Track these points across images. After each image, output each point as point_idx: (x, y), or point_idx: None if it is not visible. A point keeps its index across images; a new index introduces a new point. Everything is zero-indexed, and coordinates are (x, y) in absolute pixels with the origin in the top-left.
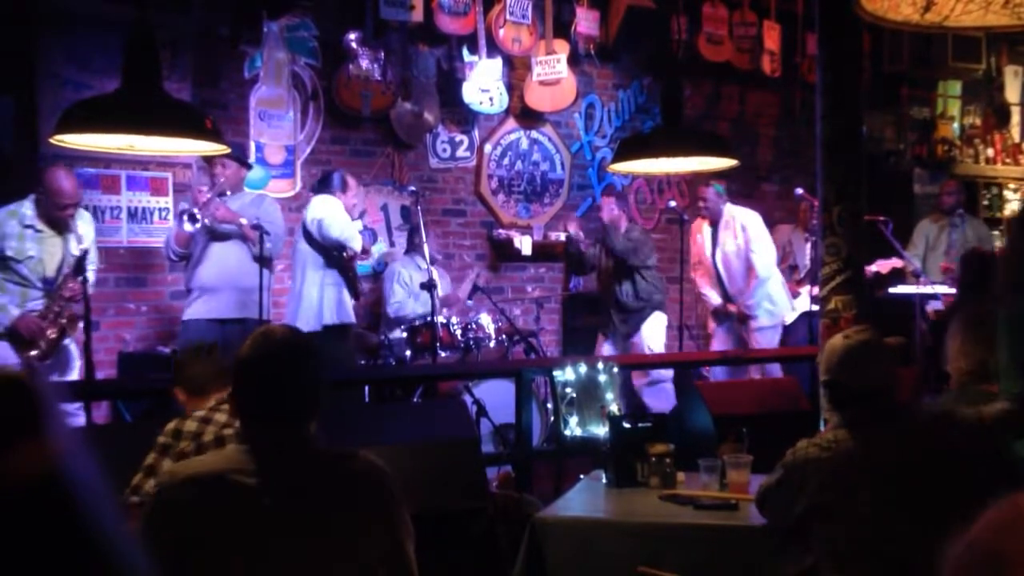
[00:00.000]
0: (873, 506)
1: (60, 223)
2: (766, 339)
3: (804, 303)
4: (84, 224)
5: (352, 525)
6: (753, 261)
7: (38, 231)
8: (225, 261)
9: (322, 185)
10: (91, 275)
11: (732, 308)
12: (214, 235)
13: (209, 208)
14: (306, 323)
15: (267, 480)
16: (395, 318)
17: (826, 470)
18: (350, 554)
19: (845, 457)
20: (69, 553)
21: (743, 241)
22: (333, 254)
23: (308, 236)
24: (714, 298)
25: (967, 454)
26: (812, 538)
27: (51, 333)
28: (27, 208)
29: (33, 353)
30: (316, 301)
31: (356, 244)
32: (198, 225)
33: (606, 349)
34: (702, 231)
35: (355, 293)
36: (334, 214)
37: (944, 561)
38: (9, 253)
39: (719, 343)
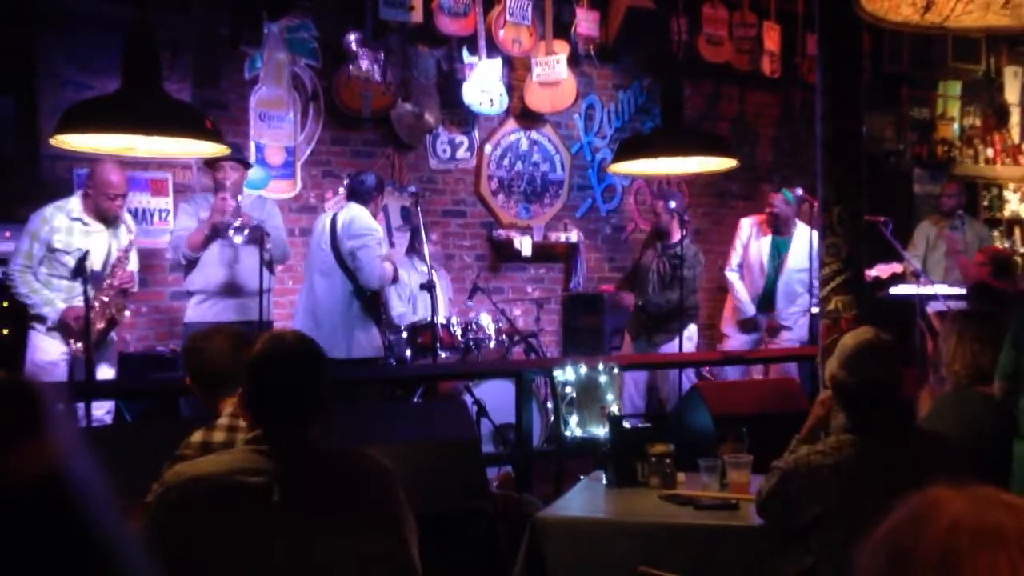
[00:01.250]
0: (875, 512)
1: (108, 217)
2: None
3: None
4: (128, 219)
5: (357, 523)
6: (816, 286)
7: (86, 224)
8: (230, 265)
9: (359, 187)
10: (134, 266)
11: (763, 321)
12: (221, 239)
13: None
14: (327, 349)
15: (274, 479)
16: (395, 324)
17: (830, 478)
18: (354, 552)
19: (848, 463)
20: (69, 553)
21: (811, 264)
22: (366, 293)
23: (336, 252)
24: (749, 308)
25: (965, 458)
26: (812, 541)
27: (99, 324)
28: (74, 203)
29: (80, 345)
30: (343, 330)
31: (389, 281)
32: (247, 233)
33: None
34: (754, 236)
35: (380, 324)
36: (372, 258)
37: (857, 559)
38: (58, 245)
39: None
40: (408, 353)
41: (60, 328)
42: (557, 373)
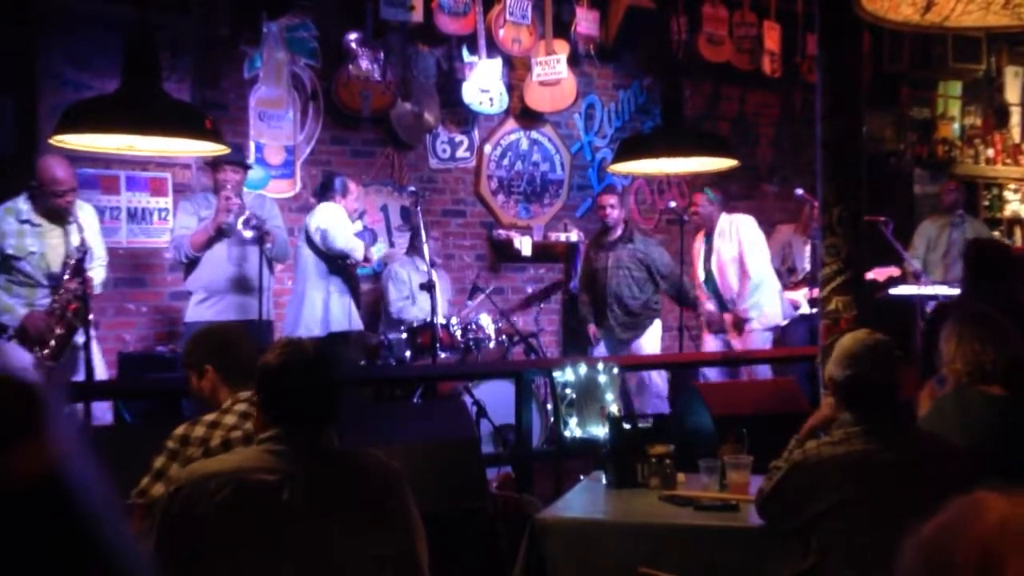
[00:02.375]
0: (889, 502)
1: (58, 214)
2: (757, 345)
3: (803, 307)
4: (86, 216)
5: (368, 523)
6: (747, 265)
7: (36, 225)
8: (232, 263)
9: (324, 190)
10: (101, 272)
11: (727, 317)
12: (223, 237)
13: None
14: (307, 328)
15: (286, 477)
16: (396, 319)
17: (844, 467)
18: (366, 552)
19: (860, 454)
20: (69, 555)
21: (737, 245)
22: (338, 262)
23: (311, 243)
24: (708, 307)
25: (966, 457)
26: (820, 536)
27: (58, 329)
28: (22, 203)
29: (44, 352)
30: (321, 308)
31: (359, 254)
32: (254, 224)
33: (600, 351)
34: (699, 243)
35: (357, 299)
36: (337, 224)
37: (898, 562)
38: (10, 251)
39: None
40: (408, 353)
41: (19, 335)
42: (557, 373)
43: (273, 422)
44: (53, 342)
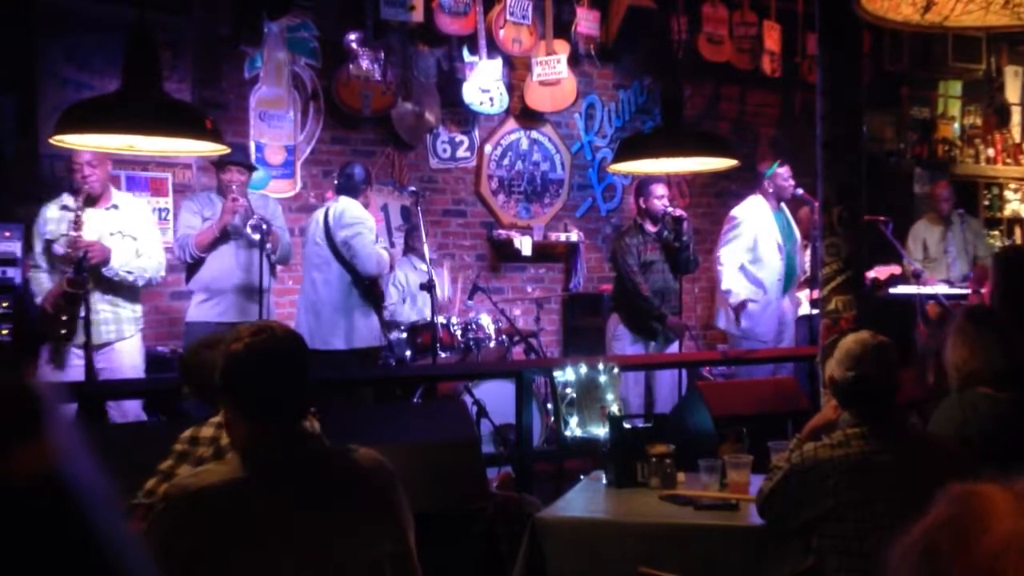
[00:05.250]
0: (888, 504)
1: (85, 193)
2: None
3: (804, 307)
4: (131, 208)
5: (360, 521)
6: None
7: (72, 210)
8: (235, 265)
9: (347, 181)
10: (146, 261)
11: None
12: (227, 238)
13: (249, 214)
14: (324, 342)
15: (274, 482)
16: (389, 321)
17: (842, 469)
18: (359, 550)
19: (858, 456)
20: (70, 556)
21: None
22: (364, 282)
23: (332, 246)
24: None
25: (965, 457)
26: (820, 538)
27: (60, 302)
28: (66, 194)
29: (64, 332)
30: (343, 320)
31: (387, 267)
32: (264, 227)
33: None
34: (755, 217)
35: (380, 312)
36: (367, 242)
37: (889, 556)
38: (48, 236)
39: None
40: (408, 353)
41: (40, 317)
42: (557, 373)
43: (249, 419)
44: (64, 317)
